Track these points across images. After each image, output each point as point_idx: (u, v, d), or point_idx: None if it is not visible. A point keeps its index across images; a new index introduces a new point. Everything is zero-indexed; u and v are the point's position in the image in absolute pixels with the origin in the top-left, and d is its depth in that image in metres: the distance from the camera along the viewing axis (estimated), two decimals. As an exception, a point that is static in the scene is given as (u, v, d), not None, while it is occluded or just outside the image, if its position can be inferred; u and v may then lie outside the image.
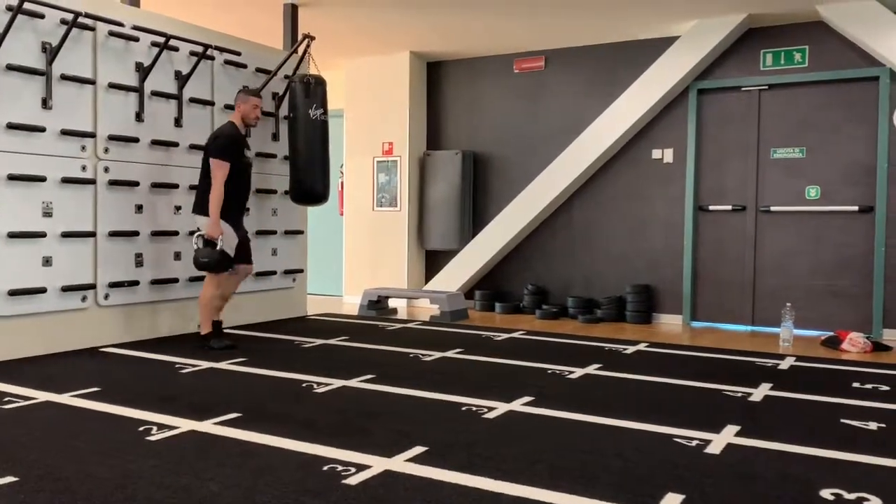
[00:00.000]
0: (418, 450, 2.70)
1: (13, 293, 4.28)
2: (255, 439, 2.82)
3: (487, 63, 7.43)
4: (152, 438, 2.82)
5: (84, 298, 4.69)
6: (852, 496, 2.30)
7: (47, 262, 4.47)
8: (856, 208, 5.89)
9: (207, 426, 3.00)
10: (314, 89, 5.54)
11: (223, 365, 4.27)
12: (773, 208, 6.19)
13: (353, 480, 2.38)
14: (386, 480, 2.39)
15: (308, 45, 5.75)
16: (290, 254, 6.25)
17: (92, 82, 4.69)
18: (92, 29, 4.67)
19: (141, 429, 2.95)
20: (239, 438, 2.84)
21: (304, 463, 2.56)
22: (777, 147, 6.19)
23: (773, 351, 5.15)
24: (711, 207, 6.44)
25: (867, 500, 2.28)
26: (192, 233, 4.81)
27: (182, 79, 5.24)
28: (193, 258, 4.60)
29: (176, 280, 5.23)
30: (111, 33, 4.77)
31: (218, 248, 4.54)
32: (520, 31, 6.61)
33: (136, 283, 4.96)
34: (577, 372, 4.21)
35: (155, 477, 2.40)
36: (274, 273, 6.08)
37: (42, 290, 4.43)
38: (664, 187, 6.61)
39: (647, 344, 5.30)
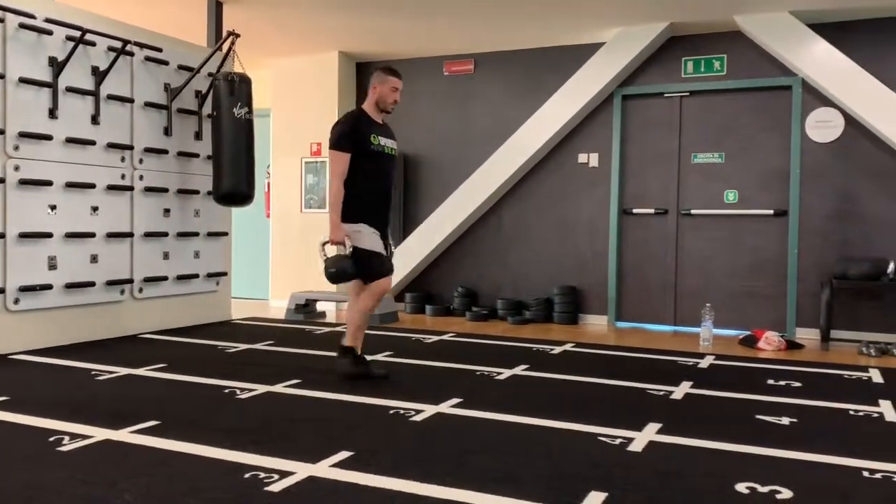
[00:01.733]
0: (343, 455, 2.66)
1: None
2: (173, 447, 2.73)
3: (418, 65, 7.42)
4: (63, 449, 2.69)
5: (-9, 303, 4.46)
6: (765, 489, 2.38)
7: (-50, 265, 4.23)
8: (771, 212, 6.12)
9: (123, 435, 2.88)
10: (239, 87, 5.42)
11: (141, 371, 4.12)
12: (693, 212, 6.38)
13: (276, 487, 2.32)
14: (309, 486, 2.34)
15: (233, 43, 5.62)
16: (213, 256, 6.09)
17: (0, 76, 4.47)
18: (0, 20, 4.45)
19: (52, 439, 2.81)
20: (156, 447, 2.73)
21: (224, 471, 2.48)
22: (697, 152, 6.39)
23: (694, 350, 5.30)
24: (635, 211, 6.60)
25: (779, 492, 2.36)
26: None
27: (99, 75, 5.05)
28: (324, 271, 3.86)
29: (93, 283, 5.02)
30: (22, 25, 4.55)
31: (347, 252, 3.86)
32: (449, 34, 6.63)
33: (49, 286, 4.74)
34: (505, 373, 4.24)
35: (66, 489, 2.29)
36: (196, 276, 5.91)
37: (-56, 295, 4.19)
38: (590, 191, 6.74)
39: (573, 344, 5.39)
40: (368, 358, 4.18)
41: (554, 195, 6.87)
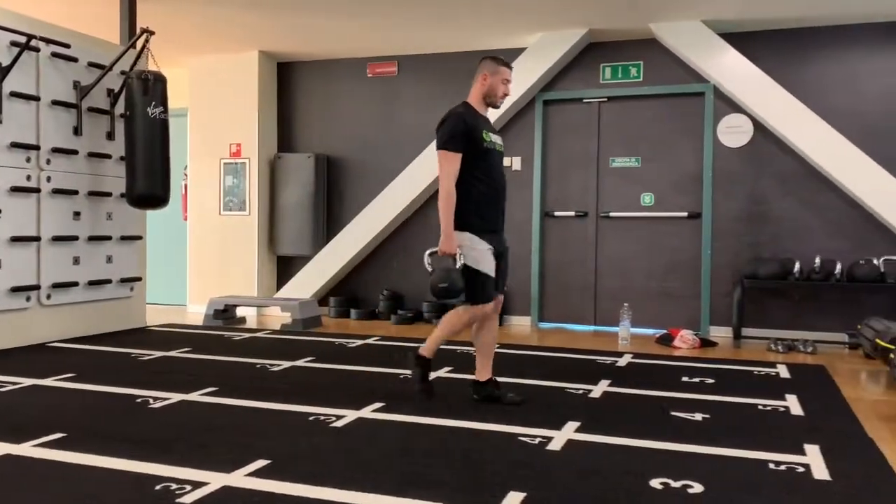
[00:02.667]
0: (260, 463, 2.60)
1: None
2: (79, 461, 2.61)
3: (341, 66, 7.35)
4: (-43, 466, 2.54)
5: None
6: (678, 484, 2.45)
7: None
8: (685, 214, 6.32)
9: (25, 449, 2.74)
10: (153, 86, 5.24)
11: (48, 381, 3.93)
12: (612, 214, 6.53)
13: (188, 499, 2.25)
14: (224, 497, 2.28)
15: (147, 40, 5.43)
16: (127, 261, 5.87)
17: None
18: None
19: (-56, 456, 2.65)
20: (61, 461, 2.61)
21: (134, 483, 2.39)
22: (615, 157, 6.54)
23: (613, 349, 5.42)
24: (557, 213, 6.70)
25: (691, 486, 2.43)
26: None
27: (1, 71, 4.80)
28: (431, 285, 3.44)
29: (-6, 290, 4.77)
30: (-86, 17, 4.29)
31: (458, 265, 3.46)
32: (372, 36, 6.59)
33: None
34: (430, 375, 4.22)
35: (-43, 509, 2.16)
36: (109, 282, 5.68)
37: None
38: (513, 194, 6.75)
39: (497, 346, 5.41)
40: (174, 353, 4.10)
41: (477, 198, 6.90)
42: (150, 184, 5.28)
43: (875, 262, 5.62)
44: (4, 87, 4.84)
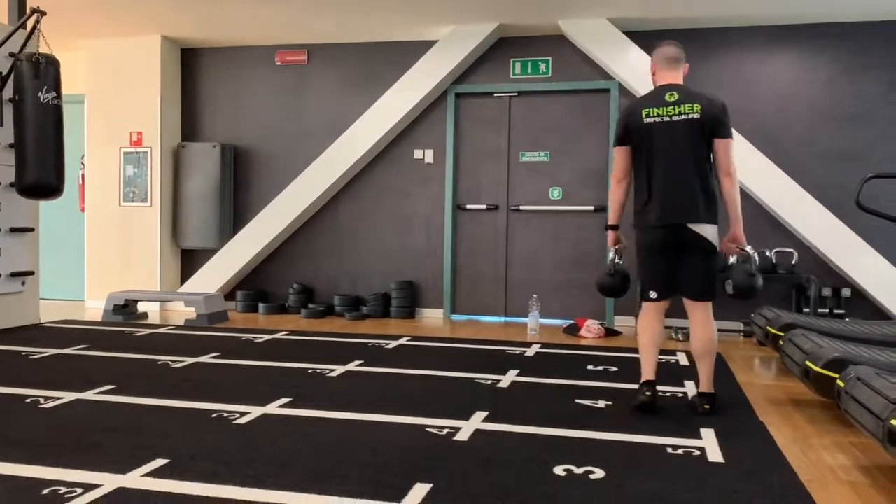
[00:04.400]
0: (158, 463, 2.50)
1: None
2: (-43, 467, 2.44)
3: (248, 53, 7.16)
4: None
5: None
6: (581, 470, 2.50)
7: None
8: (591, 208, 6.48)
9: None
10: (45, 70, 4.96)
11: (-74, 383, 3.67)
12: (522, 207, 6.63)
13: (79, 502, 2.14)
14: (117, 499, 2.18)
15: (38, 21, 5.14)
16: (17, 254, 5.55)
17: None
18: None
19: None
20: (-63, 467, 2.44)
21: (18, 488, 2.25)
22: (525, 151, 6.64)
23: (522, 339, 5.50)
24: (469, 206, 6.75)
25: (592, 472, 2.48)
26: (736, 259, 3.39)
27: None
28: (738, 284, 3.25)
29: None
30: None
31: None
32: (281, 23, 6.45)
33: None
34: (338, 370, 4.19)
35: None
36: (-3, 276, 5.36)
37: None
38: (425, 187, 6.81)
39: (409, 338, 5.42)
40: (69, 351, 3.96)
41: (391, 190, 6.88)
42: (41, 172, 5.00)
43: (767, 253, 5.93)
44: None
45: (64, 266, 7.52)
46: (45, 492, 2.23)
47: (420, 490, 2.29)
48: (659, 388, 3.81)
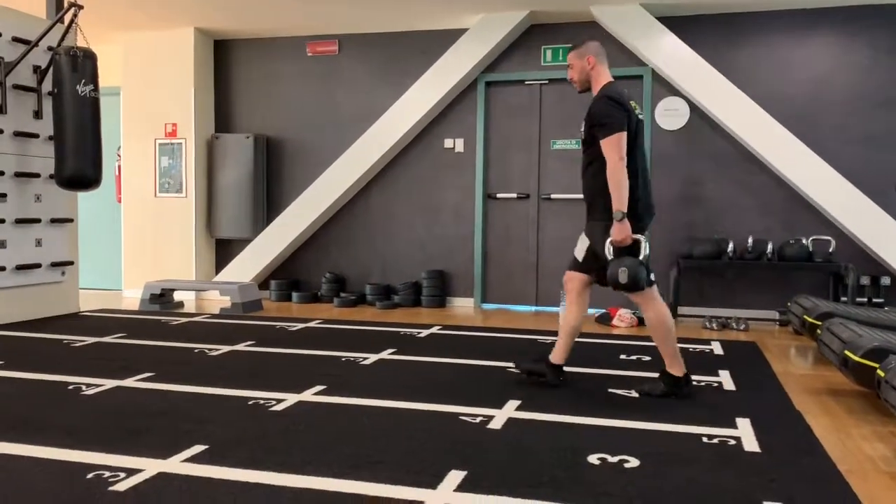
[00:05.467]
0: (197, 449, 2.55)
1: None
2: (6, 450, 2.52)
3: (280, 44, 7.20)
4: None
5: None
6: (615, 459, 2.50)
7: None
8: (624, 196, 6.42)
9: (-53, 440, 2.63)
10: (82, 63, 5.05)
11: (-27, 370, 3.78)
12: (553, 196, 6.59)
13: (122, 486, 2.20)
14: (159, 484, 2.23)
15: (75, 15, 5.22)
16: (57, 244, 5.68)
17: None
18: None
19: None
20: (-14, 452, 2.52)
21: (64, 472, 2.32)
22: (556, 138, 6.60)
23: (554, 328, 5.48)
24: (499, 195, 6.74)
25: (627, 461, 2.48)
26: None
27: (-84, 44, 4.56)
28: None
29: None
30: None
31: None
32: (312, 14, 6.47)
33: None
34: (371, 358, 4.22)
35: None
36: (39, 266, 5.48)
37: None
38: (456, 176, 6.81)
39: (440, 327, 5.44)
40: (108, 339, 4.02)
41: (420, 180, 6.90)
42: (80, 164, 5.10)
43: (804, 241, 5.83)
44: (-80, 61, 4.60)
45: (102, 256, 7.67)
46: (89, 476, 2.29)
47: (455, 477, 2.30)
48: (694, 377, 3.79)
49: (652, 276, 3.36)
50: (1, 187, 5.20)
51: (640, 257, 3.27)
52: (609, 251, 3.32)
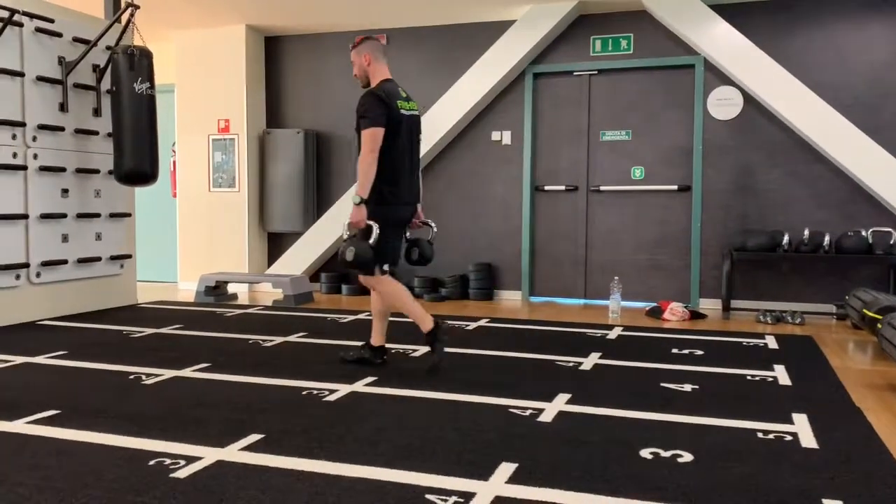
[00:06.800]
0: (254, 437, 2.61)
1: None
2: (72, 437, 2.62)
3: (329, 40, 7.28)
4: (-49, 444, 2.54)
5: None
6: (668, 454, 2.48)
7: None
8: (675, 187, 6.33)
9: (19, 426, 2.75)
10: (139, 61, 5.18)
11: (40, 359, 3.93)
12: (602, 188, 6.53)
13: (182, 473, 2.26)
14: (218, 471, 2.29)
15: (132, 15, 5.36)
16: (116, 238, 5.85)
17: None
18: None
19: (-63, 434, 2.65)
20: (54, 437, 2.62)
21: (127, 459, 2.40)
22: (605, 130, 6.53)
23: (603, 322, 5.45)
24: (547, 187, 6.70)
25: (680, 455, 2.46)
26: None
27: (-16, 46, 4.74)
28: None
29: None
30: None
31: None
32: (361, 9, 6.52)
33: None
34: (420, 350, 4.25)
35: (-48, 486, 2.17)
36: (99, 259, 5.66)
37: None
38: (503, 168, 6.80)
39: (488, 319, 5.45)
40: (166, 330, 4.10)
41: (468, 173, 6.90)
42: (137, 160, 5.24)
43: (863, 233, 5.66)
44: (-13, 62, 4.78)
45: (158, 249, 7.87)
46: (151, 462, 2.36)
47: (506, 469, 2.32)
48: (748, 372, 3.73)
49: (386, 267, 3.70)
50: (63, 183, 5.38)
51: (371, 241, 3.52)
52: (346, 231, 3.64)
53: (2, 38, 4.81)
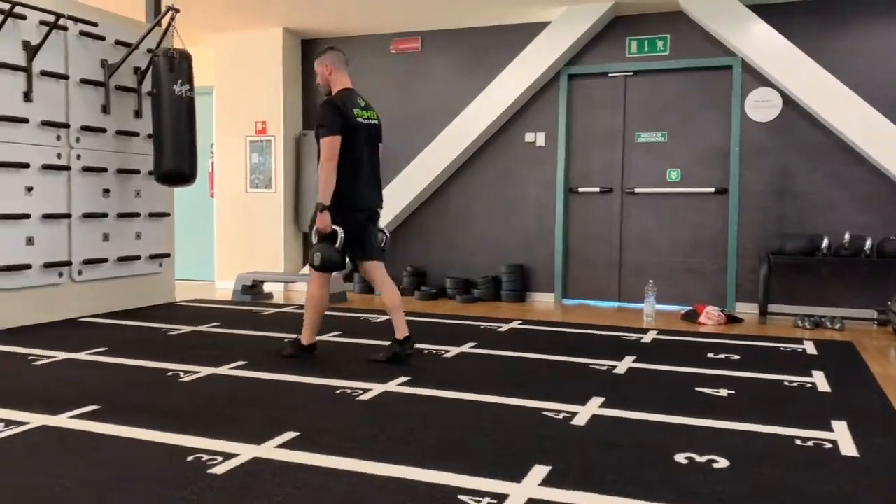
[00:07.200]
0: (289, 435, 2.65)
1: None
2: (113, 432, 2.68)
3: (364, 42, 7.33)
4: (-3, 436, 2.62)
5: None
6: (703, 459, 2.45)
7: None
8: (712, 190, 6.26)
9: (61, 420, 2.82)
10: (179, 64, 5.27)
11: (81, 356, 4.02)
12: (637, 190, 6.48)
13: (220, 469, 2.30)
14: (254, 468, 2.33)
15: (172, 18, 5.46)
16: (155, 237, 5.96)
17: (-77, 50, 4.26)
18: (-79, -9, 4.24)
19: (-16, 427, 2.73)
20: (96, 432, 2.68)
21: (166, 454, 2.45)
22: (641, 131, 6.48)
23: (638, 325, 5.41)
24: (581, 189, 6.67)
25: (716, 461, 2.43)
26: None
27: (31, 50, 4.86)
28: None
29: (29, 266, 4.86)
30: (-55, -3, 4.35)
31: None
32: (395, 11, 6.56)
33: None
34: (453, 351, 4.27)
35: (0, 477, 2.23)
36: (138, 258, 5.78)
37: None
38: (537, 170, 6.78)
39: (520, 321, 5.44)
40: (203, 328, 4.14)
41: (501, 174, 6.90)
42: (177, 161, 5.34)
43: (906, 237, 5.53)
44: (34, 65, 4.90)
45: (196, 248, 8.00)
46: (189, 458, 2.41)
47: (539, 471, 2.31)
48: (785, 377, 3.67)
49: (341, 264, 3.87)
50: (104, 183, 5.49)
51: (337, 245, 3.74)
52: (314, 237, 3.79)
53: (47, 42, 4.92)
